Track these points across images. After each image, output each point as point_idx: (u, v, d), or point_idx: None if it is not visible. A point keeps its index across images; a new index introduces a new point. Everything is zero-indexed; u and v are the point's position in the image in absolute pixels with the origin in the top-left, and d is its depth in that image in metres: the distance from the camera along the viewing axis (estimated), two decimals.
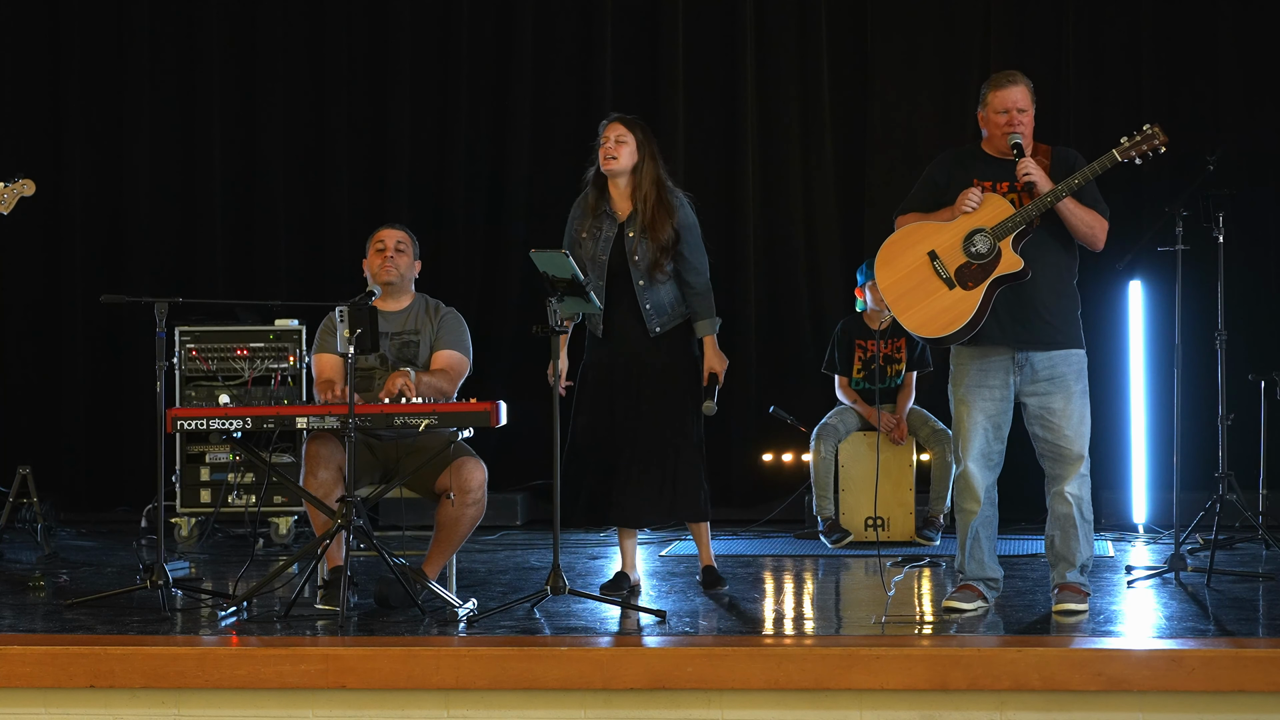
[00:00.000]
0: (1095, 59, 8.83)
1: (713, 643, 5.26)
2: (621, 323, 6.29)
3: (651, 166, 6.27)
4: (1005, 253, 5.52)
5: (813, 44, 9.03)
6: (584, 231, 6.30)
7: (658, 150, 6.34)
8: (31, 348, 9.27)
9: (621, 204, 6.31)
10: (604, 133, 6.31)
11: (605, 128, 6.32)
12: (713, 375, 6.33)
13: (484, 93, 9.18)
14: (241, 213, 9.29)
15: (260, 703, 5.01)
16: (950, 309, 5.55)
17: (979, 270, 5.54)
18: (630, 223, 6.27)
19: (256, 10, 9.27)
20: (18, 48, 9.28)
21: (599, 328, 6.32)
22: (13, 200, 6.48)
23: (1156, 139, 5.52)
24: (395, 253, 6.27)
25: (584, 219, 6.33)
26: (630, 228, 6.26)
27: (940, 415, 7.89)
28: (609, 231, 6.27)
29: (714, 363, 6.33)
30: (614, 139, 6.25)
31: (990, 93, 5.66)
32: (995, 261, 5.53)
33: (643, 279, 6.24)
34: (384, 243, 6.30)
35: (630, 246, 6.24)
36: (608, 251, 6.26)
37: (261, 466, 6.01)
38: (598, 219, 6.30)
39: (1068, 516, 5.63)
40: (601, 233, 6.27)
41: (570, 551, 7.56)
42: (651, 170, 6.27)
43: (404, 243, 6.31)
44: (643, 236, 6.22)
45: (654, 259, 6.22)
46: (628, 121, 6.30)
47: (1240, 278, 7.91)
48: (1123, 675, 4.84)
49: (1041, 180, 5.51)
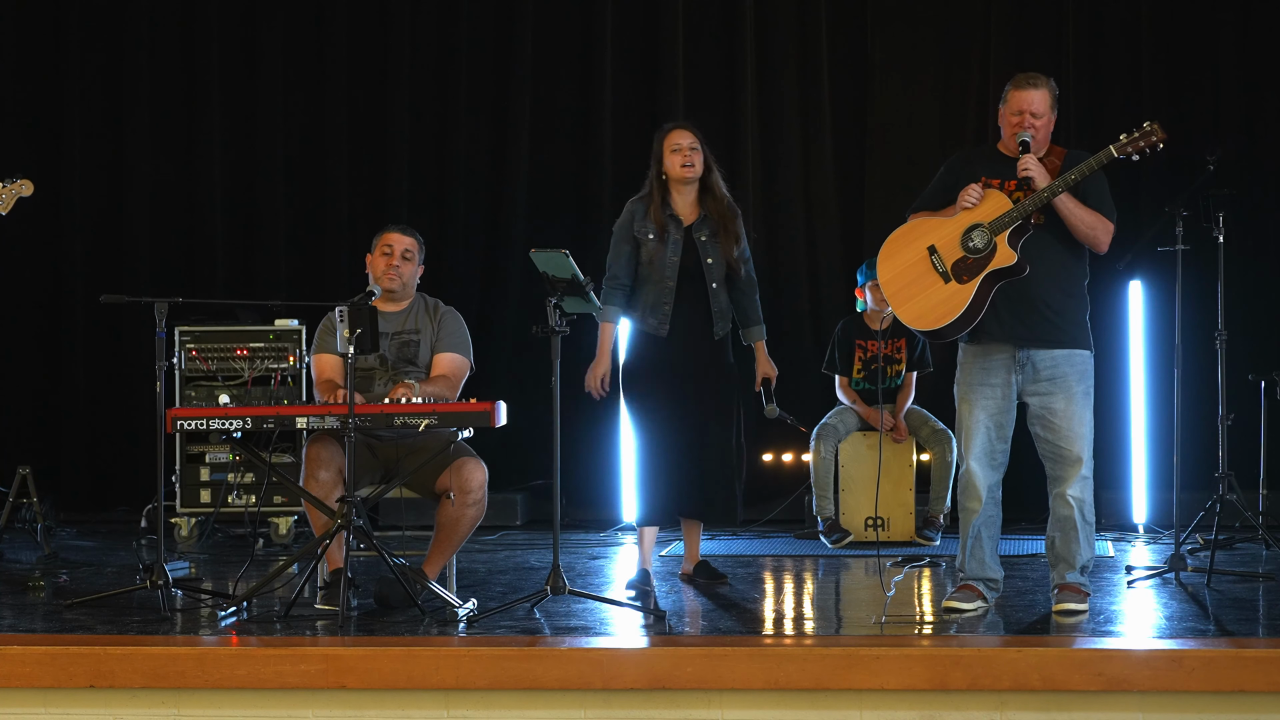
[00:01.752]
0: (1095, 59, 8.83)
1: (713, 643, 5.25)
2: (688, 324, 6.42)
3: (718, 174, 6.48)
4: (1000, 247, 5.53)
5: (813, 44, 9.03)
6: (650, 233, 6.40)
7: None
8: (31, 348, 9.28)
9: (686, 209, 6.44)
10: (672, 138, 6.42)
11: (672, 133, 6.44)
12: (765, 379, 6.61)
13: (484, 93, 9.18)
14: (241, 213, 9.29)
15: (260, 703, 5.01)
16: (945, 302, 5.57)
17: (974, 264, 5.56)
18: (700, 227, 6.41)
19: (256, 10, 9.27)
20: (18, 48, 9.28)
21: (662, 327, 6.40)
22: (11, 200, 6.48)
23: (1154, 135, 5.52)
24: (401, 260, 6.26)
25: (646, 220, 6.42)
26: (700, 232, 6.41)
27: (941, 415, 7.89)
28: (677, 234, 6.38)
29: (768, 368, 6.66)
30: (688, 147, 6.39)
31: (1010, 91, 5.67)
32: (990, 256, 5.54)
33: (715, 282, 6.40)
34: (391, 248, 6.27)
35: (704, 251, 6.38)
36: (678, 253, 6.37)
37: (261, 466, 6.01)
38: (662, 222, 6.39)
39: (1068, 519, 5.63)
40: (669, 235, 6.38)
41: (570, 552, 7.56)
42: (719, 178, 6.48)
43: (411, 250, 6.30)
44: (714, 241, 6.40)
45: (725, 266, 6.41)
46: (693, 128, 6.45)
47: (1240, 278, 7.91)
48: (1123, 675, 4.84)
49: (1040, 176, 5.52)
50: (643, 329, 6.46)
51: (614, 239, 6.50)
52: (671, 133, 6.43)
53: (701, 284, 6.41)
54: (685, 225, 6.42)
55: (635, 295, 6.45)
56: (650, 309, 6.41)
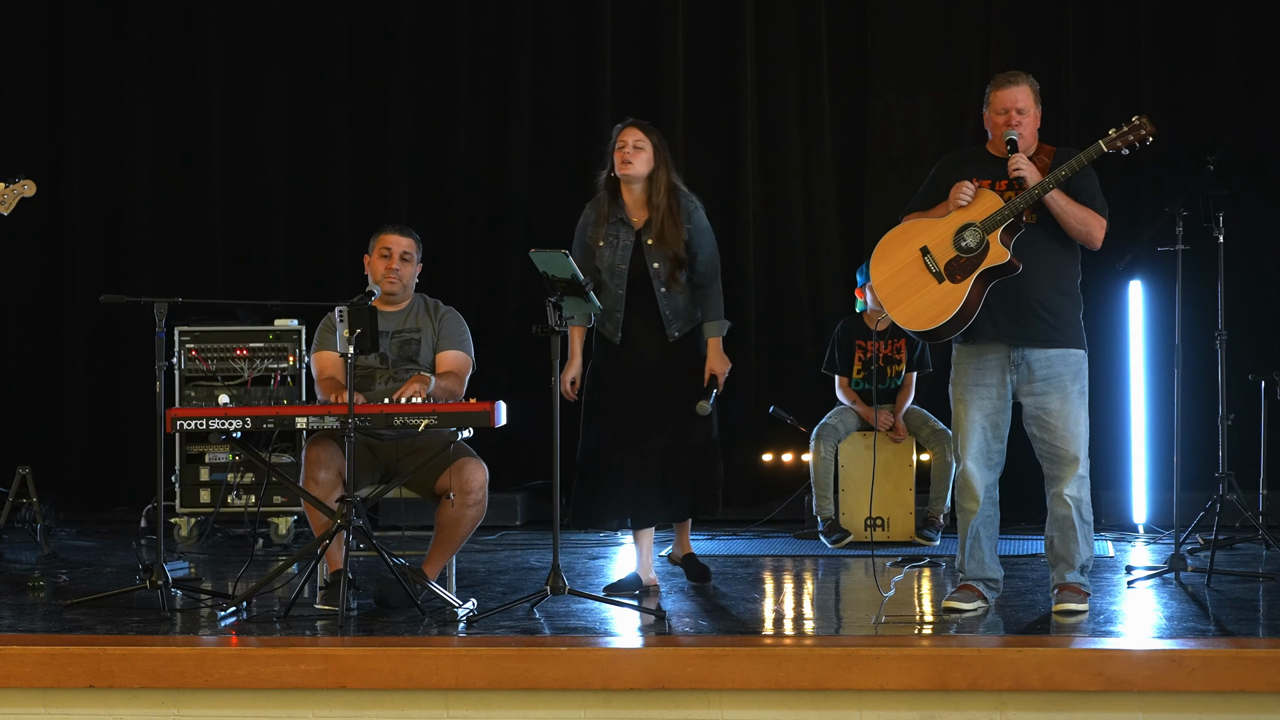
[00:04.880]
0: (1095, 59, 8.83)
1: (712, 643, 5.26)
2: (640, 328, 6.31)
3: (665, 173, 6.30)
4: (993, 245, 5.53)
5: (813, 44, 9.03)
6: (600, 239, 6.32)
7: (670, 157, 6.36)
8: (31, 348, 9.27)
9: (636, 211, 6.33)
10: (619, 136, 6.31)
11: (621, 132, 6.32)
12: (713, 376, 6.34)
13: (484, 93, 9.18)
14: (241, 213, 9.29)
15: (260, 703, 5.01)
16: (938, 302, 5.57)
17: (967, 263, 5.56)
18: (646, 230, 6.29)
19: (256, 10, 9.26)
20: (18, 48, 9.28)
21: (616, 334, 6.33)
22: (13, 201, 6.48)
23: (1144, 129, 5.53)
24: (401, 262, 6.25)
25: (598, 225, 6.34)
26: (647, 235, 6.28)
27: (940, 415, 7.89)
28: (626, 239, 6.30)
29: (716, 364, 6.35)
30: (631, 144, 6.26)
31: (992, 93, 5.68)
32: (983, 254, 5.54)
33: (663, 287, 6.28)
34: (390, 250, 6.26)
35: (649, 255, 6.27)
36: (627, 260, 6.29)
37: (261, 466, 6.01)
38: (613, 226, 6.32)
39: (1066, 518, 5.63)
40: (619, 240, 6.29)
41: (570, 552, 7.56)
42: (665, 177, 6.30)
43: (410, 252, 6.29)
44: (660, 244, 6.26)
45: (671, 268, 6.26)
46: (644, 127, 6.32)
47: (1240, 278, 7.91)
48: (1123, 675, 4.84)
49: (1031, 174, 5.52)
50: (601, 334, 6.39)
51: (574, 243, 6.38)
52: (621, 131, 6.32)
53: (650, 289, 6.29)
54: (636, 230, 6.31)
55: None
56: (606, 315, 6.30)
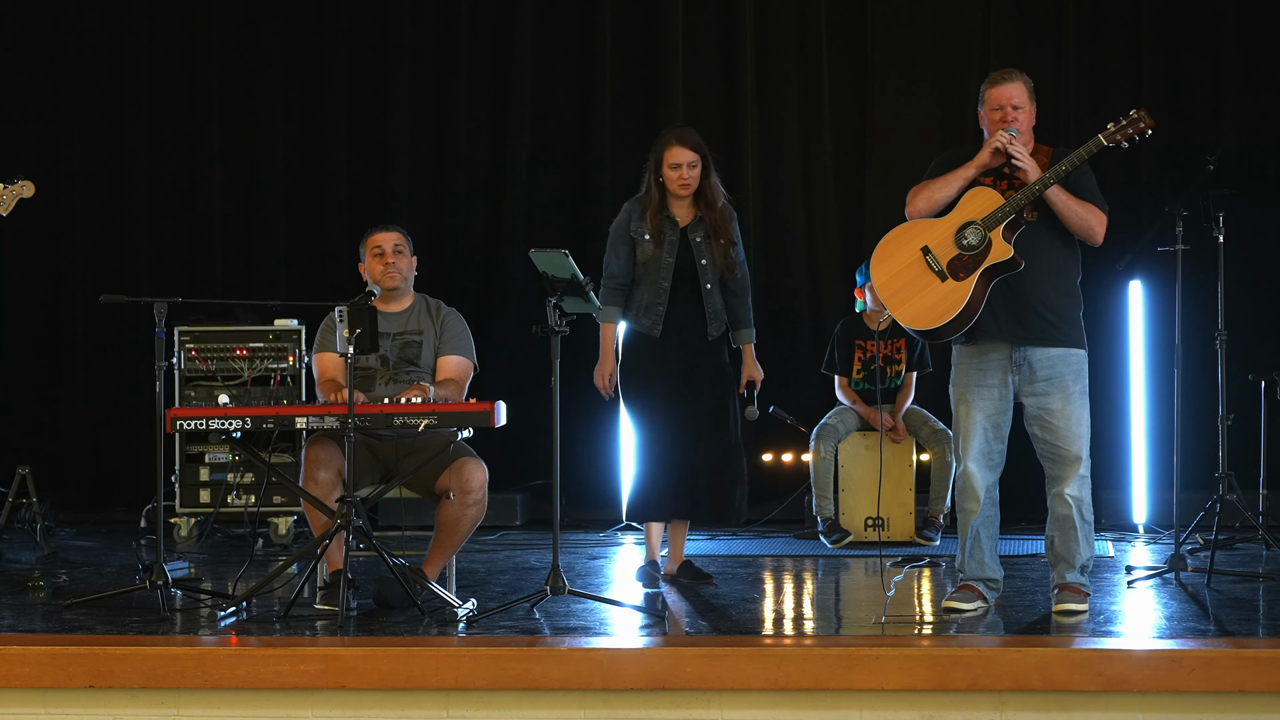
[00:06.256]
0: (1095, 58, 8.83)
1: (712, 643, 5.25)
2: (681, 324, 6.45)
3: (715, 178, 6.50)
4: (995, 242, 5.53)
5: (813, 44, 9.03)
6: (645, 234, 6.42)
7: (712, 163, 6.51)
8: (31, 347, 9.27)
9: (682, 211, 6.48)
10: (670, 154, 6.41)
11: (671, 148, 6.41)
12: (751, 382, 6.58)
13: (484, 93, 9.18)
14: (241, 213, 9.29)
15: (260, 703, 5.01)
16: (942, 301, 5.56)
17: (970, 261, 5.55)
18: (695, 229, 6.44)
19: (256, 10, 9.27)
20: (18, 47, 9.28)
21: (655, 328, 6.42)
22: (12, 202, 6.48)
23: (1142, 122, 5.54)
24: (395, 255, 6.26)
25: (642, 221, 6.45)
26: (695, 233, 6.43)
27: (941, 415, 7.89)
28: (672, 236, 6.43)
29: (754, 371, 6.62)
30: (686, 165, 6.40)
31: (986, 90, 5.69)
32: (986, 251, 5.54)
33: (710, 283, 6.43)
34: (382, 247, 6.27)
35: (698, 252, 6.41)
36: (674, 254, 6.42)
37: (261, 466, 6.01)
38: (659, 223, 6.42)
39: (1067, 518, 5.63)
40: (665, 236, 6.41)
41: (570, 551, 7.56)
42: (716, 181, 6.50)
43: (401, 244, 6.30)
44: (709, 243, 6.42)
45: (722, 265, 6.43)
46: (693, 144, 6.43)
47: (1240, 278, 7.90)
48: (1123, 675, 4.84)
49: (1030, 166, 5.52)
50: (637, 329, 6.48)
51: (611, 239, 6.51)
52: (671, 147, 6.41)
53: (695, 285, 6.43)
54: (681, 226, 6.44)
55: (631, 295, 6.47)
56: (645, 309, 6.42)
